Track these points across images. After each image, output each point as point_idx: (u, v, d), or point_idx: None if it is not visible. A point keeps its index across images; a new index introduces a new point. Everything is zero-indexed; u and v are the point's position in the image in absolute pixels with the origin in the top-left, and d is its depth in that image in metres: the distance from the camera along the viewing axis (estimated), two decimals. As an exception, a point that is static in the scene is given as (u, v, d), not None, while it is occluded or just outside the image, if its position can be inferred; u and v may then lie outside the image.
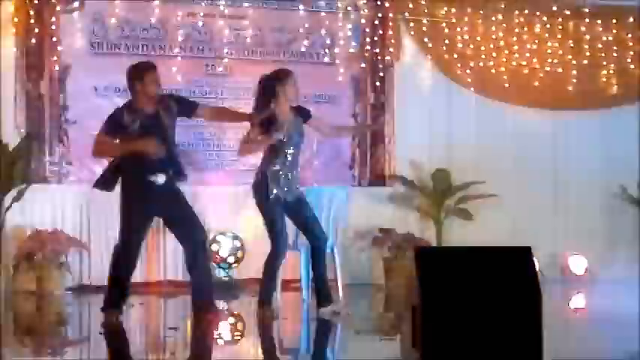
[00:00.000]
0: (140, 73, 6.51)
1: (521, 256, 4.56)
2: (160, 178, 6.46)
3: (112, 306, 6.57)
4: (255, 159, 7.29)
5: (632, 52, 10.56)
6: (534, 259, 4.51)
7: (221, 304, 7.30)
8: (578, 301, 8.79)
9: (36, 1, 8.87)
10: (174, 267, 8.95)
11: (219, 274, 8.88)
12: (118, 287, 6.60)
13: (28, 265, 8.36)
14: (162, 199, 6.47)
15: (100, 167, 8.90)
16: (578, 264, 10.10)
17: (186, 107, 6.72)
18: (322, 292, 6.88)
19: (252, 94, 6.88)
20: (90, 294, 8.39)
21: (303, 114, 6.94)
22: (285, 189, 6.76)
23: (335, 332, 6.55)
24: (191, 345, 6.09)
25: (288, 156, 6.78)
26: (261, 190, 6.75)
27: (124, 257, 6.57)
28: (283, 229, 6.81)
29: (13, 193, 8.42)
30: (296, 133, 6.83)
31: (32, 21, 8.87)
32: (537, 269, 4.53)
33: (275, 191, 6.72)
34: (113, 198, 8.66)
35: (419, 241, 9.29)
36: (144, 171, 6.43)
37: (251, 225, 8.81)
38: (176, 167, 6.58)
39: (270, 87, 6.77)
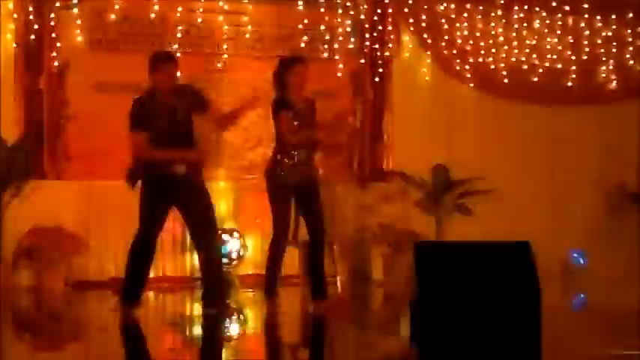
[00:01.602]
0: (154, 65, 6.55)
1: (520, 251, 4.57)
2: (181, 168, 6.47)
3: (130, 298, 6.53)
4: (254, 154, 7.29)
5: (631, 48, 10.56)
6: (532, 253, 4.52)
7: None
8: (576, 296, 8.79)
9: (35, -3, 8.88)
10: (173, 263, 8.98)
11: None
12: (137, 279, 6.57)
13: (27, 261, 8.36)
14: (183, 189, 6.47)
15: (99, 163, 8.98)
16: (577, 260, 10.09)
17: (200, 104, 6.68)
18: (317, 285, 6.91)
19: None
20: (89, 290, 8.40)
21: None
22: (297, 176, 6.77)
23: (334, 327, 6.54)
24: (199, 339, 6.13)
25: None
26: (271, 176, 6.78)
27: (143, 247, 6.52)
28: (286, 217, 6.83)
29: (12, 189, 8.40)
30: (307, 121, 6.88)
31: (31, 17, 8.85)
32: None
33: (286, 178, 6.74)
34: (113, 194, 8.74)
35: (418, 237, 9.27)
36: (165, 162, 6.44)
37: (251, 221, 8.82)
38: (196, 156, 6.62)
39: (279, 72, 6.88)
